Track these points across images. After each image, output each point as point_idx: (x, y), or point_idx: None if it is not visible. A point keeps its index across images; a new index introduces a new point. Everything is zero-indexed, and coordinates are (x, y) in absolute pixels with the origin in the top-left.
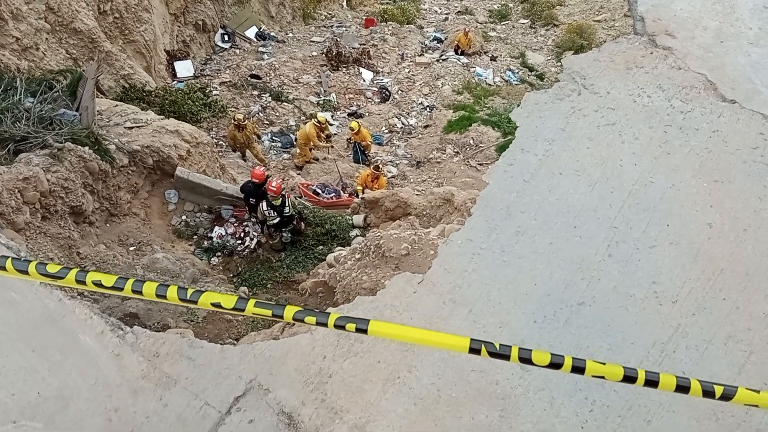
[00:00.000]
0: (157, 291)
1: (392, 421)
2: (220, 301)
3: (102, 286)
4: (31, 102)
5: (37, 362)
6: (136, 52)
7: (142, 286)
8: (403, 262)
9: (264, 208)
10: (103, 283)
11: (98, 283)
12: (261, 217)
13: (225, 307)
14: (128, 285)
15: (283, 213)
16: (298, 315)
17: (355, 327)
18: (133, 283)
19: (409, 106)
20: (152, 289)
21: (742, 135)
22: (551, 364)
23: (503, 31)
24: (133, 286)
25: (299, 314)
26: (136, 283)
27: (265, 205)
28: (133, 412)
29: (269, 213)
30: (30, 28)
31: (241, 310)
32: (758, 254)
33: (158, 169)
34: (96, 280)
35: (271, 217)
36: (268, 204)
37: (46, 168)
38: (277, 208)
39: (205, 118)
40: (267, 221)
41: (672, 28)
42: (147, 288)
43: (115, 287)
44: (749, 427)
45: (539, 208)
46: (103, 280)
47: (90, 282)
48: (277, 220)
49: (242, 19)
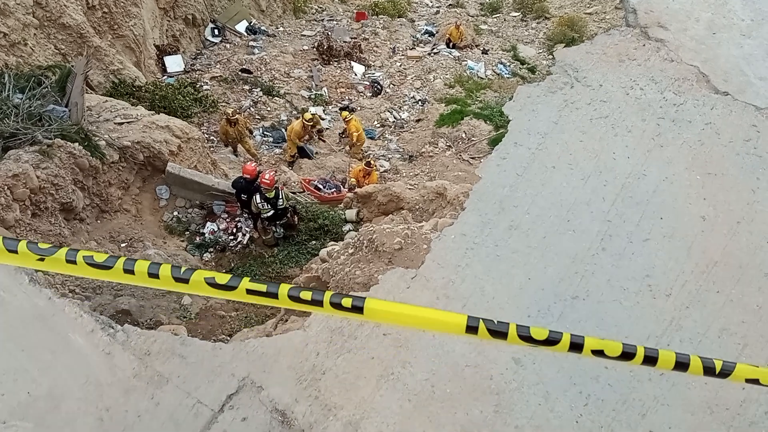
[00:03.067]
0: (149, 269)
1: (386, 418)
2: (213, 276)
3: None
4: (19, 98)
5: (27, 362)
6: (126, 47)
7: (133, 265)
8: (396, 256)
9: (258, 200)
10: (95, 259)
11: (89, 259)
12: (255, 210)
13: (219, 282)
14: (119, 263)
15: (277, 205)
16: (292, 292)
17: (351, 302)
18: (125, 262)
19: (401, 99)
20: (144, 267)
21: (735, 127)
22: (548, 340)
23: (494, 24)
24: (125, 264)
25: (294, 291)
26: (127, 261)
27: (258, 197)
28: (125, 411)
29: (263, 205)
30: (18, 23)
31: (233, 288)
32: (752, 247)
33: (149, 164)
34: (87, 256)
35: (265, 209)
36: (262, 197)
37: (35, 165)
38: (270, 201)
39: (195, 113)
40: (261, 214)
41: (664, 20)
42: (139, 266)
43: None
44: (744, 420)
45: (532, 202)
46: (95, 256)
47: (80, 259)
48: (271, 212)
49: (232, 13)
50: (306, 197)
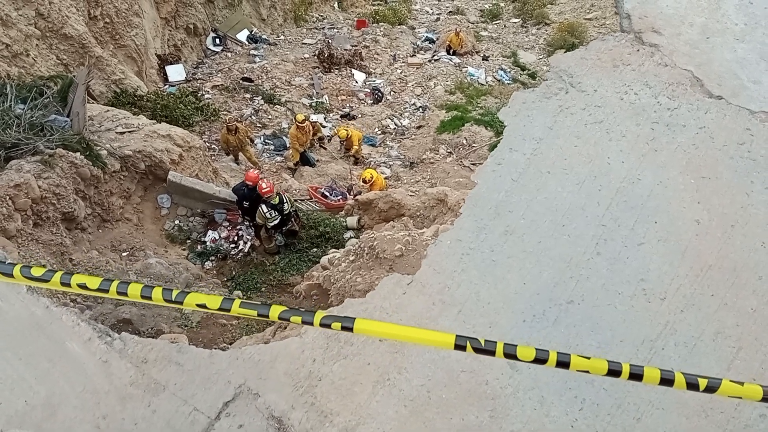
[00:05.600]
0: (142, 292)
1: (382, 424)
2: (205, 302)
3: (87, 288)
4: (21, 108)
5: (24, 370)
6: (127, 57)
7: (127, 288)
8: (397, 263)
9: (265, 210)
10: (88, 286)
11: (83, 285)
12: (261, 221)
13: (210, 307)
14: (113, 287)
15: (283, 210)
16: (283, 314)
17: (340, 325)
18: (118, 285)
19: (401, 106)
20: (137, 291)
21: (728, 131)
22: (536, 359)
23: (495, 30)
24: (118, 287)
25: (285, 314)
26: (121, 284)
27: (265, 207)
28: (122, 419)
29: (270, 214)
30: (20, 34)
31: (226, 311)
32: (746, 250)
33: (150, 173)
34: (81, 282)
35: (273, 218)
36: (268, 206)
37: (37, 174)
38: (276, 207)
39: (197, 122)
40: (268, 223)
41: (658, 25)
42: (132, 289)
43: (101, 289)
44: (738, 423)
45: (528, 207)
46: (88, 282)
47: (75, 284)
48: (278, 220)
49: (233, 22)
50: (311, 204)
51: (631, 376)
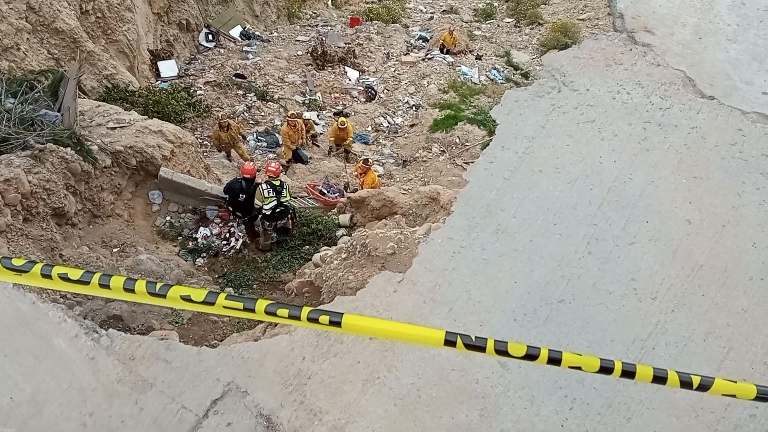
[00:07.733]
0: (125, 285)
1: (372, 422)
2: (189, 293)
3: (68, 280)
4: (12, 103)
5: (9, 367)
6: (119, 52)
7: (109, 280)
8: (389, 261)
9: (264, 188)
10: (69, 276)
11: (64, 276)
12: (259, 202)
13: (195, 300)
14: (95, 279)
15: (281, 196)
16: (269, 308)
17: (328, 320)
18: (100, 277)
19: (395, 105)
20: (120, 283)
21: (720, 131)
22: (527, 355)
23: (488, 30)
24: (100, 279)
25: (271, 307)
26: (103, 276)
27: (264, 186)
28: (109, 417)
29: (268, 192)
30: (11, 27)
31: (211, 304)
32: (737, 250)
33: (142, 169)
34: (62, 273)
35: (270, 198)
36: (268, 184)
37: (27, 169)
38: (276, 188)
39: (189, 118)
40: (264, 205)
41: (651, 25)
42: (114, 282)
43: (82, 281)
44: (728, 423)
45: (519, 205)
46: (70, 273)
47: (56, 275)
48: (273, 203)
49: (226, 18)
50: (308, 201)
51: (624, 374)
